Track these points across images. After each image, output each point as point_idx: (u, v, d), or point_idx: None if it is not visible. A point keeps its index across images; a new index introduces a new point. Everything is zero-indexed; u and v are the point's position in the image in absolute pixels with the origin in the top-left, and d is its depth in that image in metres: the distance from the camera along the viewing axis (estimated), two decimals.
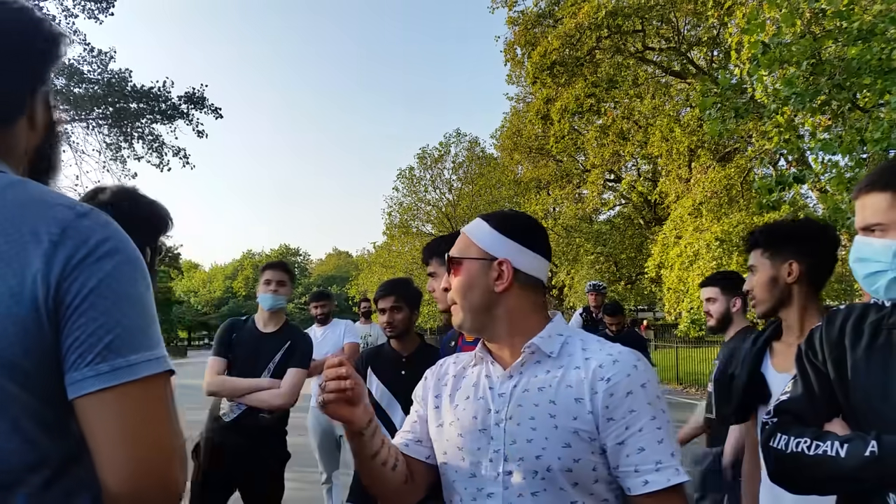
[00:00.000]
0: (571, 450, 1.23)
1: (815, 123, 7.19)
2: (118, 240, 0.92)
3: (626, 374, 1.24)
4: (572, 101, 19.97)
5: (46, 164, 1.12)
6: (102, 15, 17.17)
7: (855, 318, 1.38)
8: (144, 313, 0.91)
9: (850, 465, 1.21)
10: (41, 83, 1.05)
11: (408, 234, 36.17)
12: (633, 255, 25.32)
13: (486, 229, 1.39)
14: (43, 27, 1.07)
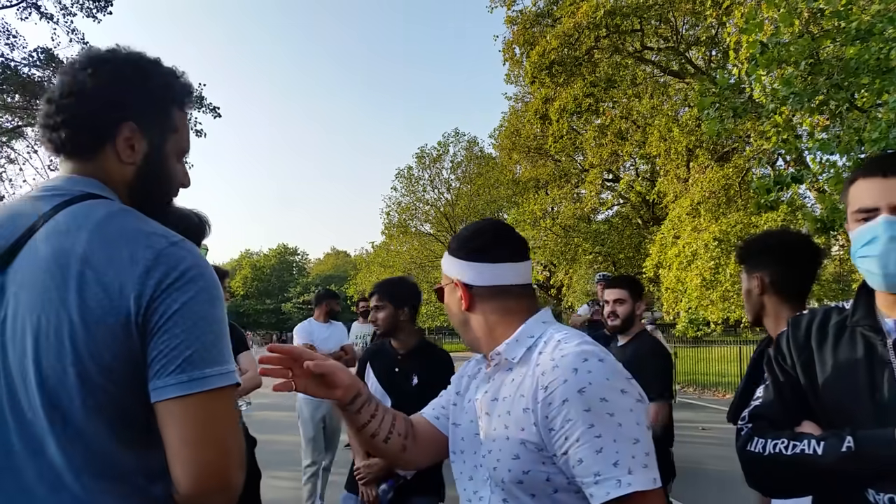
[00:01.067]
0: (520, 461, 1.20)
1: (814, 123, 7.20)
2: (202, 267, 1.07)
3: (563, 381, 1.16)
4: (571, 101, 19.96)
5: (142, 195, 1.23)
6: (101, 14, 17.14)
7: (819, 321, 1.42)
8: (219, 333, 1.05)
9: (828, 461, 1.23)
10: (129, 116, 1.18)
11: (406, 234, 36.17)
12: (631, 255, 25.32)
13: (445, 256, 1.46)
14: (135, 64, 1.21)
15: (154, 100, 1.22)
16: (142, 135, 1.20)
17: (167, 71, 1.26)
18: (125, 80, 1.18)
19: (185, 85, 1.30)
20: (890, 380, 1.26)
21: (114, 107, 1.17)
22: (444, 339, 40.83)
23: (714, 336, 18.46)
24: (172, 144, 1.27)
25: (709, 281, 14.78)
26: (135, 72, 1.20)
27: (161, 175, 1.26)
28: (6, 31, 16.45)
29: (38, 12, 16.62)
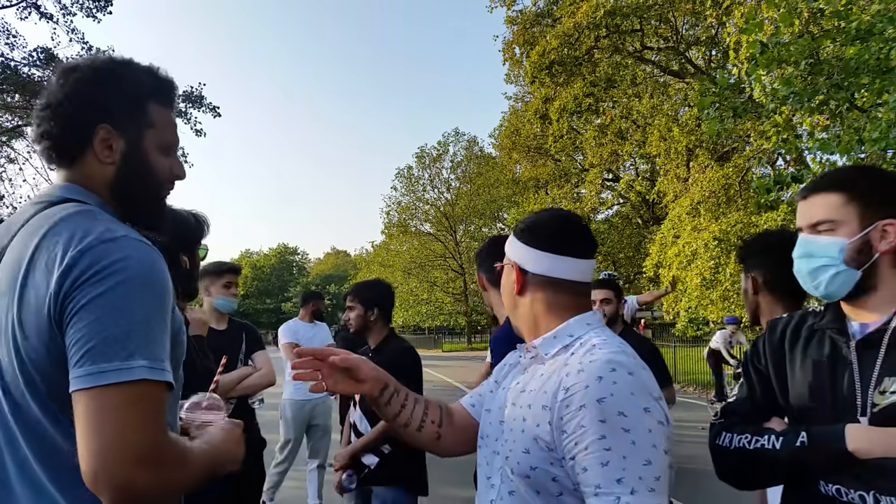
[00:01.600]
0: (529, 456, 1.20)
1: (814, 123, 7.20)
2: (129, 261, 1.08)
3: (585, 386, 1.14)
4: (571, 101, 19.97)
5: (125, 192, 1.28)
6: (101, 13, 17.15)
7: (794, 324, 1.50)
8: (131, 327, 1.05)
9: (784, 455, 1.33)
10: (102, 118, 1.23)
11: (406, 234, 36.20)
12: (631, 255, 25.36)
13: (511, 237, 1.45)
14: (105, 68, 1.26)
15: (126, 98, 1.26)
16: (118, 134, 1.25)
17: (138, 68, 1.30)
18: (93, 85, 1.23)
19: (160, 80, 1.32)
20: (849, 380, 1.33)
21: (86, 111, 1.22)
22: (443, 338, 40.85)
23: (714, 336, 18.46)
24: (151, 139, 1.29)
25: (709, 280, 14.79)
26: (102, 75, 1.25)
27: (142, 170, 1.28)
28: (6, 31, 16.45)
29: (38, 12, 16.62)
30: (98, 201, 1.24)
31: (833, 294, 1.39)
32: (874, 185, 1.37)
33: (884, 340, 1.31)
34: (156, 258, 1.14)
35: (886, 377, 1.28)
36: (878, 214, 1.34)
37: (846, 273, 1.35)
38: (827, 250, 1.36)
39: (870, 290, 1.35)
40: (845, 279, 1.35)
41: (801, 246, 1.42)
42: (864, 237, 1.34)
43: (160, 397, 1.07)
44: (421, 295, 35.98)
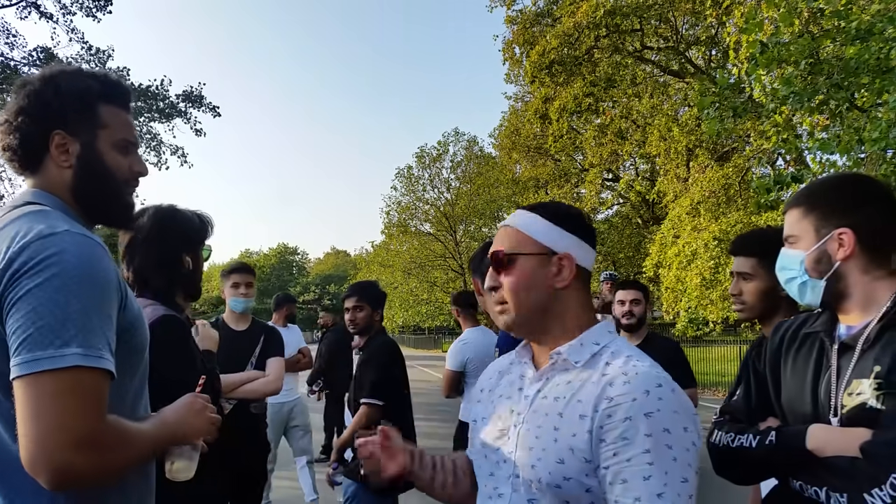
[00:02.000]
0: (563, 466, 1.16)
1: (814, 123, 7.20)
2: (64, 254, 1.15)
3: (633, 399, 1.12)
4: (571, 101, 19.96)
5: (84, 192, 1.36)
6: (100, 13, 17.14)
7: (795, 327, 1.55)
8: (64, 317, 1.10)
9: (758, 453, 1.40)
10: (55, 125, 1.32)
11: (406, 234, 36.17)
12: (630, 255, 25.36)
13: (541, 222, 1.29)
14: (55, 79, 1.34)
15: (75, 104, 1.34)
16: (73, 138, 1.34)
17: (85, 74, 1.39)
18: (43, 95, 1.32)
19: (108, 83, 1.40)
20: (828, 381, 1.38)
21: (39, 121, 1.32)
22: (443, 338, 40.83)
23: (714, 335, 18.46)
24: (106, 139, 1.37)
25: (708, 280, 14.79)
26: (51, 85, 1.33)
27: (98, 171, 1.36)
28: (6, 31, 16.45)
29: (38, 11, 16.61)
30: (59, 204, 1.32)
31: (810, 302, 1.46)
32: (828, 196, 1.43)
33: (859, 343, 1.35)
34: (97, 252, 1.20)
35: (855, 379, 1.33)
36: (831, 224, 1.39)
37: (811, 283, 1.42)
38: (791, 263, 1.46)
39: (843, 297, 1.40)
40: (812, 288, 1.43)
41: (779, 258, 1.51)
42: (821, 248, 1.40)
43: (97, 383, 1.13)
44: (421, 295, 35.97)
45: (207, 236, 2.16)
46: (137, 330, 1.33)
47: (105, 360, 1.14)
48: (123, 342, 1.26)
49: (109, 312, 1.19)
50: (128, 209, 1.44)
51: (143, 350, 1.38)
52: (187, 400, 1.47)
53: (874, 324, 1.34)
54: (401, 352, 3.59)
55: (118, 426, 1.19)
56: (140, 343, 1.36)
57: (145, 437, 1.27)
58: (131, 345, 1.31)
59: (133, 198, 1.45)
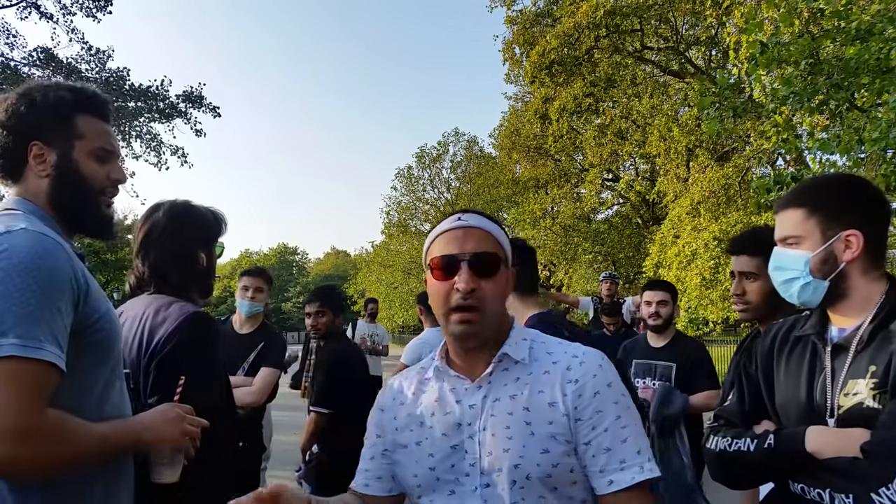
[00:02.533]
0: (549, 455, 1.21)
1: (813, 123, 7.20)
2: (12, 251, 1.20)
3: (593, 375, 1.24)
4: (571, 101, 19.95)
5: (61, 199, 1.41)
6: (101, 13, 17.15)
7: (785, 330, 1.56)
8: (4, 308, 1.14)
9: (757, 457, 1.40)
10: (33, 136, 1.39)
11: (406, 234, 36.17)
12: (631, 255, 25.32)
13: (503, 235, 1.33)
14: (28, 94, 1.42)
15: (50, 116, 1.40)
16: (50, 148, 1.40)
17: (61, 87, 1.44)
18: (20, 109, 1.39)
19: (84, 94, 1.46)
20: (822, 384, 1.39)
21: (17, 133, 1.39)
22: None
23: (714, 336, 18.46)
24: (82, 149, 1.43)
25: (708, 280, 14.78)
26: (24, 99, 1.40)
27: (74, 179, 1.41)
28: (6, 31, 16.45)
29: (38, 12, 16.61)
30: (37, 211, 1.38)
31: (807, 302, 1.45)
32: (834, 197, 1.42)
33: (852, 344, 1.36)
34: (49, 247, 1.24)
35: (851, 380, 1.34)
36: (839, 225, 1.39)
37: (814, 283, 1.41)
38: (794, 263, 1.44)
39: (842, 298, 1.41)
40: (814, 289, 1.41)
41: (773, 259, 1.49)
42: (828, 249, 1.40)
43: (35, 375, 1.14)
44: None
45: (221, 233, 2.14)
46: (104, 325, 1.36)
47: (45, 352, 1.15)
48: (86, 336, 1.30)
49: (58, 305, 1.21)
50: (103, 220, 1.48)
51: (111, 345, 1.40)
52: (163, 407, 1.49)
53: (866, 325, 1.36)
54: (359, 356, 3.70)
55: (59, 420, 1.20)
56: (107, 338, 1.38)
57: (93, 435, 1.27)
58: (96, 339, 1.34)
59: (110, 208, 1.49)
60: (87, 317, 1.30)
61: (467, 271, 1.25)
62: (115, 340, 1.42)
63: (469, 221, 1.31)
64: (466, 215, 1.33)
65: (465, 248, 1.27)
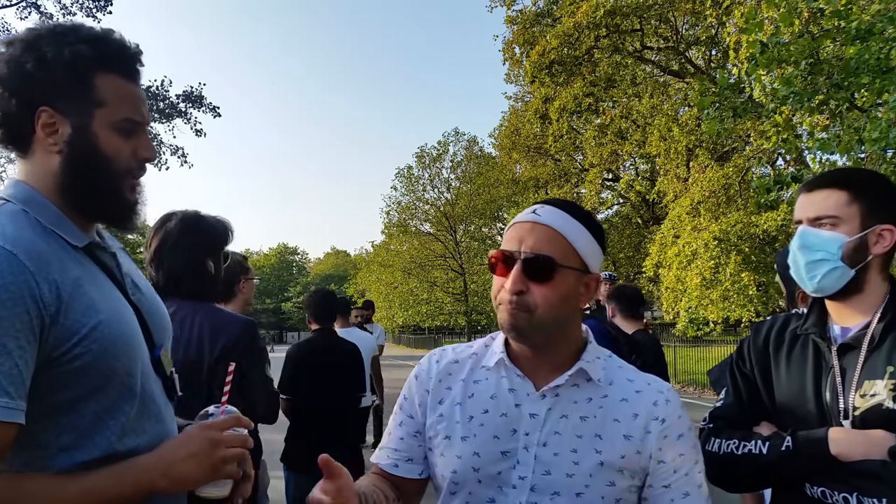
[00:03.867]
0: (615, 489, 1.15)
1: (813, 123, 7.20)
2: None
3: (678, 416, 1.19)
4: (571, 101, 19.96)
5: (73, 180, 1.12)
6: (101, 13, 17.17)
7: (778, 328, 1.52)
8: None
9: (771, 460, 1.35)
10: (41, 100, 1.09)
11: (406, 234, 36.17)
12: (631, 255, 25.36)
13: (586, 235, 1.19)
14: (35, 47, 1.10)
15: (64, 74, 1.09)
16: (63, 117, 1.10)
17: (78, 37, 1.11)
18: (26, 62, 1.08)
19: (108, 47, 1.13)
20: (832, 384, 1.35)
21: (23, 94, 1.08)
22: (443, 338, 40.82)
23: (714, 335, 18.46)
24: (103, 119, 1.12)
25: (709, 280, 14.78)
26: (31, 51, 1.08)
27: (91, 157, 1.12)
28: (6, 31, 16.45)
29: (38, 12, 16.63)
30: (33, 198, 1.11)
31: (825, 288, 1.39)
32: (878, 189, 1.39)
33: (863, 344, 1.34)
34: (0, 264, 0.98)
35: (867, 380, 1.31)
36: (877, 218, 1.36)
37: (841, 269, 1.36)
38: (827, 245, 1.36)
39: (857, 292, 1.38)
40: (840, 275, 1.36)
41: (801, 237, 1.41)
42: (863, 238, 1.36)
43: None
44: (421, 295, 35.96)
45: (229, 242, 2.24)
46: (89, 345, 1.06)
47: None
48: (63, 363, 1.04)
49: (7, 340, 0.96)
50: (127, 206, 1.18)
51: (103, 367, 1.09)
52: (189, 435, 1.15)
53: (875, 324, 1.34)
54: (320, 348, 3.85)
55: (10, 486, 0.99)
56: (99, 358, 1.08)
57: (69, 495, 1.02)
58: (79, 364, 1.06)
59: (135, 192, 1.19)
60: (62, 341, 1.03)
61: (517, 271, 1.14)
62: (107, 359, 1.09)
63: (541, 217, 1.18)
64: (544, 209, 1.20)
65: (523, 245, 1.16)
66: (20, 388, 0.98)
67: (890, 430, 1.25)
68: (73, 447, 1.06)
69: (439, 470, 1.24)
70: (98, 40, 1.13)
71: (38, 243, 1.06)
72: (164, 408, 1.22)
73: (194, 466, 1.10)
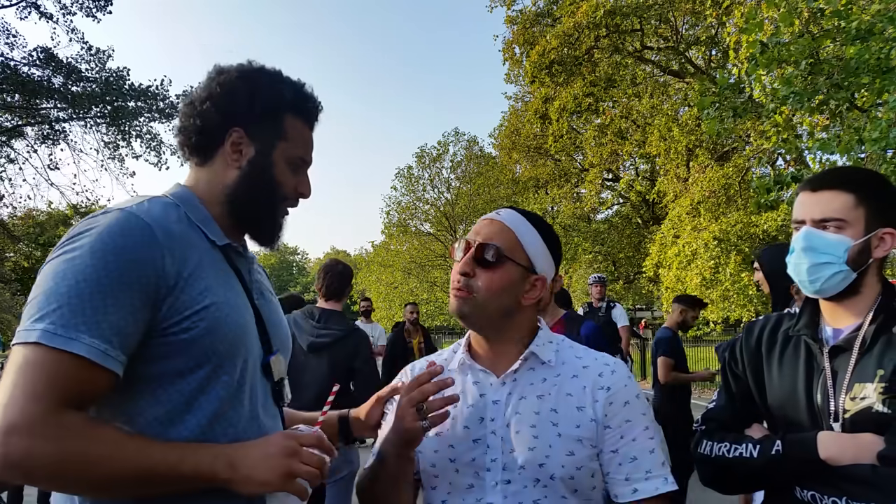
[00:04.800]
0: (574, 458, 1.23)
1: (813, 123, 7.20)
2: (92, 230, 1.09)
3: (624, 385, 1.28)
4: (571, 101, 19.95)
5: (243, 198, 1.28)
6: (100, 13, 17.14)
7: (770, 328, 1.51)
8: (51, 291, 1.03)
9: (761, 463, 1.35)
10: (239, 125, 1.28)
11: (406, 234, 36.16)
12: (631, 255, 25.33)
13: (536, 237, 1.32)
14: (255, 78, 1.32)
15: (262, 107, 1.28)
16: (249, 140, 1.28)
17: (282, 80, 1.34)
18: (234, 89, 1.28)
19: (302, 95, 1.35)
20: (823, 386, 1.35)
21: (222, 113, 1.27)
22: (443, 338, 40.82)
23: (714, 335, 18.45)
24: (281, 151, 1.31)
25: (708, 280, 14.78)
26: (244, 82, 1.29)
27: (265, 180, 1.29)
28: (6, 31, 16.44)
29: (38, 12, 16.60)
30: (189, 199, 1.26)
31: (825, 291, 1.39)
32: (882, 191, 1.38)
33: (855, 346, 1.33)
34: (134, 230, 1.09)
35: (857, 383, 1.30)
36: (881, 221, 1.36)
37: (846, 273, 1.35)
38: (833, 248, 1.35)
39: (855, 294, 1.38)
40: (843, 279, 1.36)
41: (806, 239, 1.38)
42: (867, 241, 1.35)
43: (58, 367, 0.99)
44: (421, 295, 35.95)
45: None
46: (198, 322, 1.12)
47: (77, 343, 1.00)
48: (169, 334, 1.10)
49: (122, 295, 1.04)
50: (277, 228, 1.35)
51: (206, 346, 1.14)
52: (271, 438, 1.16)
53: (867, 326, 1.34)
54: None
55: (82, 424, 1.02)
56: (201, 336, 1.13)
57: (137, 451, 1.04)
58: (185, 338, 1.11)
59: (284, 218, 1.36)
60: (173, 312, 1.10)
61: (469, 256, 1.29)
62: (221, 340, 1.15)
63: (500, 215, 1.34)
64: (506, 210, 1.36)
65: (478, 235, 1.31)
66: (123, 342, 1.06)
67: (879, 433, 1.25)
68: (166, 421, 1.12)
69: (421, 466, 1.34)
70: (295, 88, 1.34)
71: (176, 227, 1.18)
72: (263, 411, 1.25)
73: (265, 469, 1.10)
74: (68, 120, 17.96)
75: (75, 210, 20.06)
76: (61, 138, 18.09)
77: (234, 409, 1.18)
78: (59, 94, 16.94)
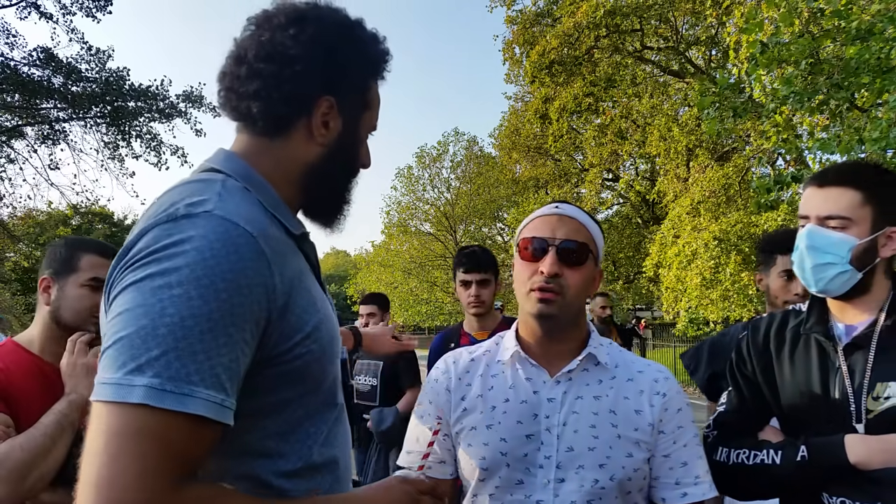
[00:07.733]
0: (633, 459, 1.25)
1: (814, 123, 7.20)
2: (190, 244, 0.83)
3: (677, 392, 1.31)
4: (571, 101, 19.95)
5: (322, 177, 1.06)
6: (100, 13, 17.13)
7: (777, 326, 1.48)
8: (151, 330, 0.79)
9: (785, 471, 1.32)
10: (329, 89, 1.02)
11: (406, 234, 36.15)
12: (630, 255, 25.33)
13: (598, 232, 1.35)
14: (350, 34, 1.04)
15: (356, 71, 1.05)
16: (338, 114, 1.04)
17: (370, 36, 1.08)
18: (328, 47, 1.01)
19: (385, 53, 1.11)
20: (840, 385, 1.31)
21: (315, 78, 1.00)
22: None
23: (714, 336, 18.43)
24: (365, 121, 1.10)
25: (709, 280, 14.77)
26: (339, 38, 1.03)
27: (348, 158, 1.10)
28: (6, 31, 16.43)
29: (38, 12, 16.59)
30: (256, 177, 1.00)
31: (830, 290, 1.35)
32: (891, 189, 1.34)
33: (872, 344, 1.30)
34: (239, 247, 0.85)
35: (879, 382, 1.26)
36: (888, 220, 1.32)
37: (850, 273, 1.31)
38: (836, 247, 1.31)
39: (862, 292, 1.34)
40: (847, 279, 1.32)
41: (809, 237, 1.34)
42: (873, 240, 1.31)
43: (170, 433, 0.78)
44: (421, 295, 35.94)
45: None
46: (307, 348, 0.96)
47: (194, 401, 0.79)
48: (278, 364, 0.93)
49: (233, 331, 0.83)
50: (347, 207, 1.17)
51: (318, 370, 1.00)
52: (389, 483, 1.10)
53: (882, 322, 1.30)
54: None
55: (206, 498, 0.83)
56: (314, 362, 0.98)
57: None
58: (293, 367, 0.95)
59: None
60: (284, 338, 0.92)
61: (553, 256, 1.26)
62: (326, 361, 1.01)
63: (565, 210, 1.33)
64: (565, 205, 1.35)
65: (556, 233, 1.28)
66: (235, 385, 0.85)
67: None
68: (276, 454, 0.96)
69: (467, 461, 1.31)
70: (381, 44, 1.10)
71: (269, 227, 0.95)
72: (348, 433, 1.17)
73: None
74: (68, 120, 17.94)
75: (75, 210, 20.05)
76: (61, 138, 18.08)
77: (336, 425, 1.07)
78: (59, 94, 16.92)
